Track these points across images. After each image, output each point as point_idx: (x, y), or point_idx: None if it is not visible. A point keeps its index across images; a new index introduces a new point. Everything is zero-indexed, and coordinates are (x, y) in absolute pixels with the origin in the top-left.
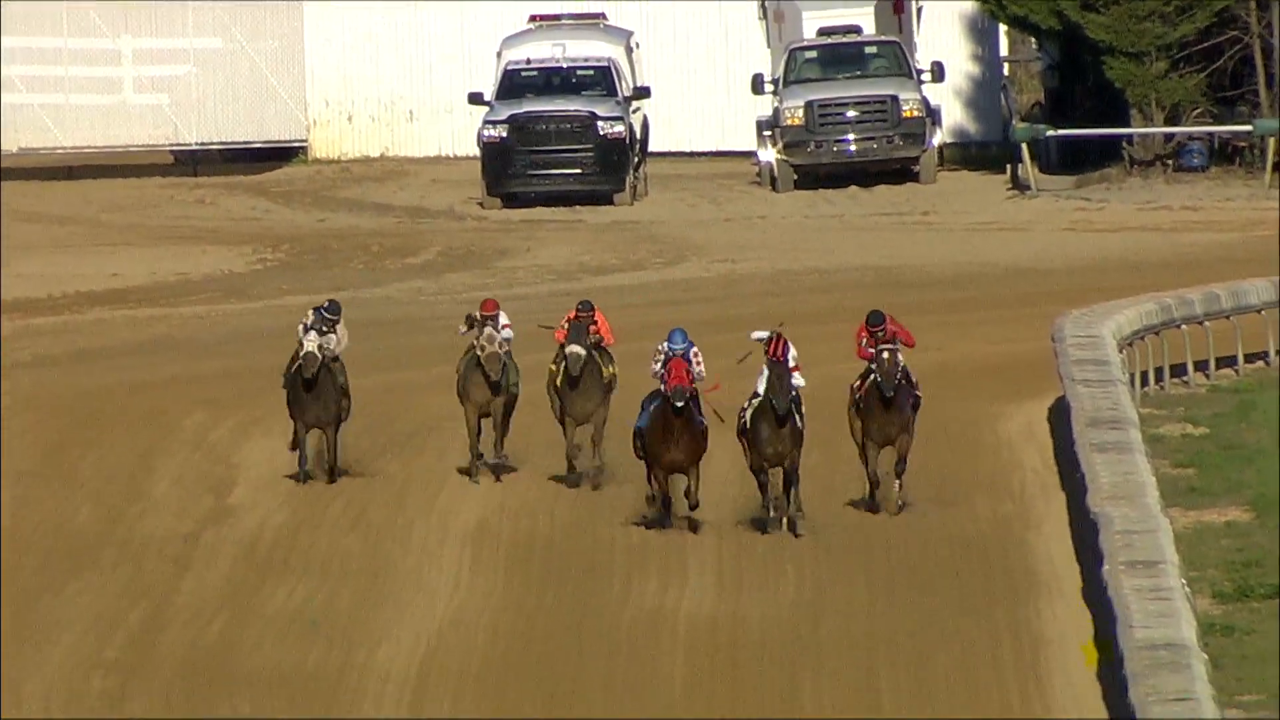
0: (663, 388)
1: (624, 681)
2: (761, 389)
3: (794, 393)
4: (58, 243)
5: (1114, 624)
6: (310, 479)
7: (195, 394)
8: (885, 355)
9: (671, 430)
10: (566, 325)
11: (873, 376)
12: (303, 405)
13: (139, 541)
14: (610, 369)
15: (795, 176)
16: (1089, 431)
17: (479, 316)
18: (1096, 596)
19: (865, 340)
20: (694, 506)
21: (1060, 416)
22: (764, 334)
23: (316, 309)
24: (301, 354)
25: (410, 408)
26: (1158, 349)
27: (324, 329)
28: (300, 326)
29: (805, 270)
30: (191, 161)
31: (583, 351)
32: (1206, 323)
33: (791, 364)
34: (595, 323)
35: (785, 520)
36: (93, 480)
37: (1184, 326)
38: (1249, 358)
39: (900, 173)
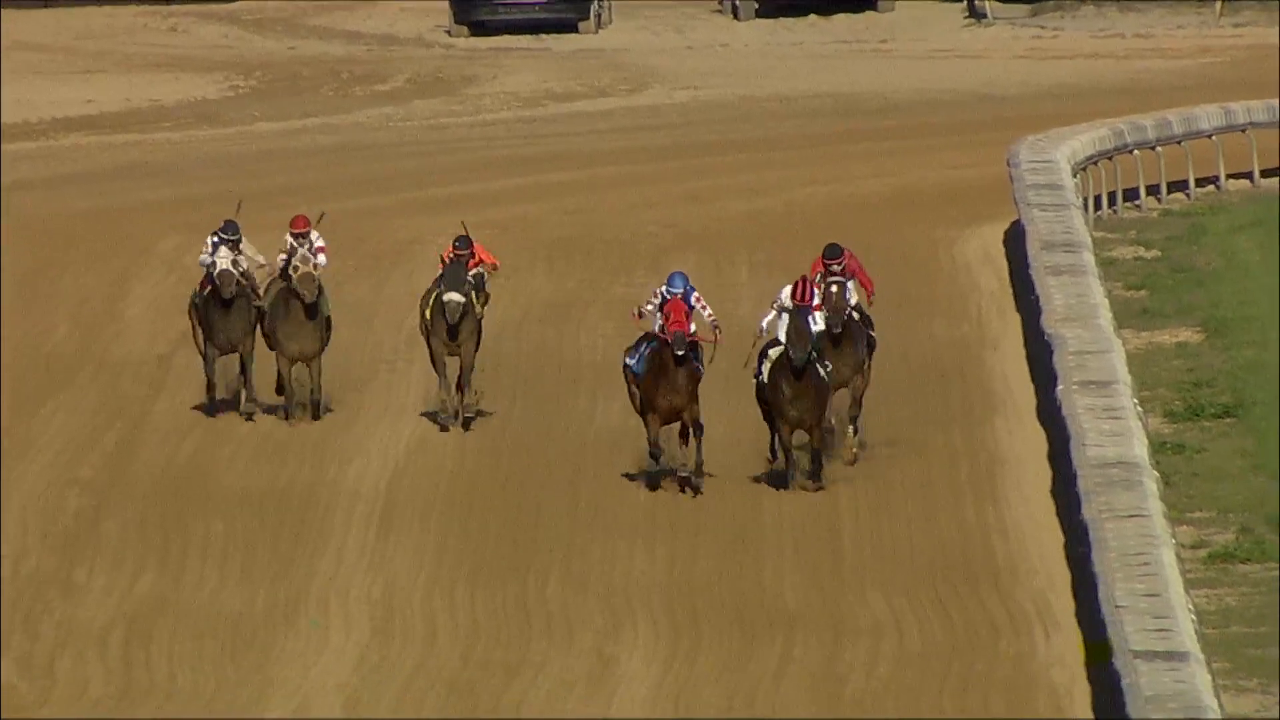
0: (657, 330)
1: (589, 497)
2: (782, 336)
3: (814, 345)
4: (33, 69)
5: (1068, 442)
6: (218, 408)
7: (169, 218)
8: (833, 289)
9: (668, 376)
10: (443, 261)
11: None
12: (216, 328)
13: (114, 363)
14: (482, 308)
15: (756, 5)
16: (1043, 254)
17: (290, 236)
18: (1051, 416)
19: (820, 275)
20: (698, 467)
21: (1016, 240)
22: (768, 318)
23: (215, 233)
24: (216, 273)
25: (378, 231)
26: (1111, 173)
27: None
28: (204, 253)
29: (767, 97)
30: None
31: (460, 299)
32: (1158, 148)
33: (815, 302)
34: (474, 257)
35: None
36: (69, 303)
37: (1136, 151)
38: (1200, 182)
39: (859, 1)
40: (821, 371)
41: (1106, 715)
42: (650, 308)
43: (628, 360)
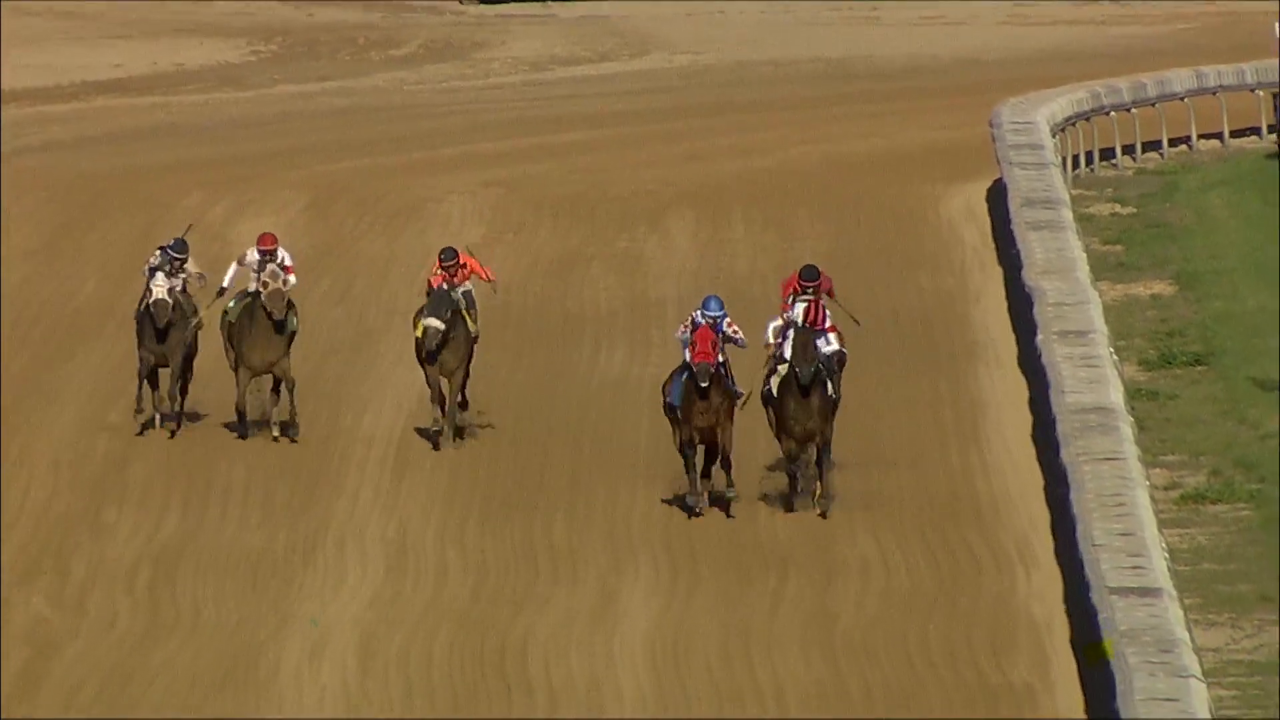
0: (687, 358)
1: (593, 442)
2: (788, 353)
3: (821, 361)
4: (64, 35)
5: (1047, 389)
6: (148, 420)
7: (192, 177)
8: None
9: (701, 402)
10: (436, 272)
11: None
12: (151, 346)
13: None
14: (475, 324)
15: None
16: (1024, 211)
17: (255, 252)
18: (1031, 364)
19: (794, 295)
20: (730, 484)
21: (997, 197)
22: (775, 324)
23: (162, 248)
24: (151, 301)
25: (393, 189)
26: (1088, 134)
27: (170, 269)
28: (146, 268)
29: (762, 62)
30: None
31: (440, 325)
32: (1133, 110)
33: (827, 324)
34: (463, 266)
35: (815, 498)
36: (97, 257)
37: (1112, 113)
38: (1173, 142)
39: None
40: (830, 387)
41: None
42: (684, 334)
43: (667, 396)
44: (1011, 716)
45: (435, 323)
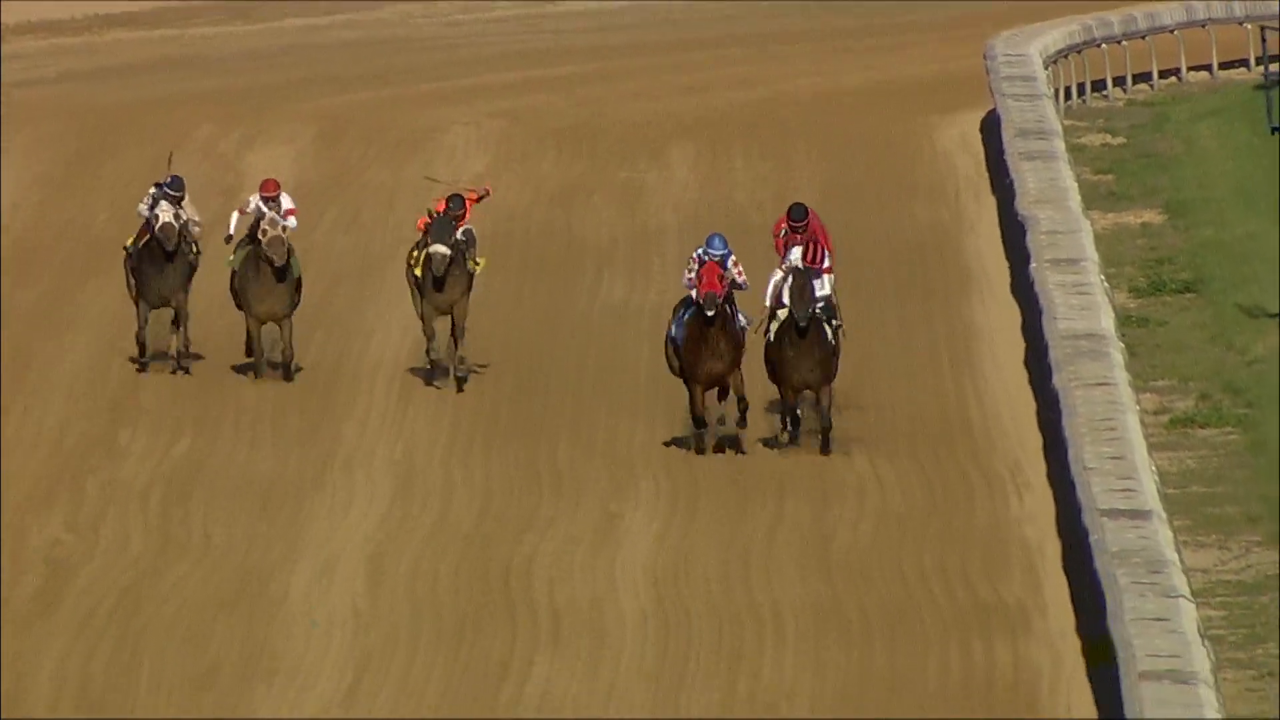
0: (694, 295)
1: (595, 368)
2: (786, 298)
3: (819, 303)
4: None
5: (1039, 316)
6: (146, 366)
7: (204, 109)
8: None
9: (707, 340)
10: (430, 216)
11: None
12: (150, 282)
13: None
14: (476, 261)
15: None
16: (1017, 141)
17: (258, 199)
18: (1024, 291)
19: (784, 232)
20: (742, 423)
21: (991, 128)
22: (776, 278)
23: (158, 184)
24: (158, 225)
25: (397, 121)
26: (1080, 66)
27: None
28: (143, 204)
29: None
30: None
31: (447, 252)
32: (1124, 42)
33: (826, 264)
34: (464, 215)
35: (820, 436)
36: (111, 187)
37: (1104, 45)
38: (1163, 74)
39: None
40: (829, 331)
41: (1076, 570)
42: (690, 275)
43: (670, 331)
44: (1005, 635)
45: (441, 248)
